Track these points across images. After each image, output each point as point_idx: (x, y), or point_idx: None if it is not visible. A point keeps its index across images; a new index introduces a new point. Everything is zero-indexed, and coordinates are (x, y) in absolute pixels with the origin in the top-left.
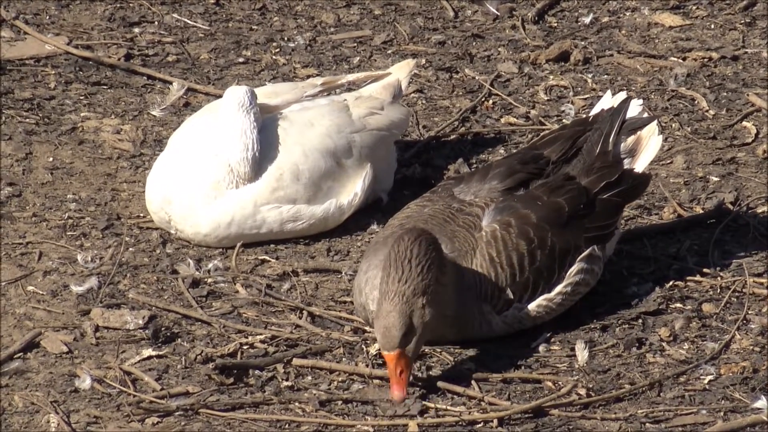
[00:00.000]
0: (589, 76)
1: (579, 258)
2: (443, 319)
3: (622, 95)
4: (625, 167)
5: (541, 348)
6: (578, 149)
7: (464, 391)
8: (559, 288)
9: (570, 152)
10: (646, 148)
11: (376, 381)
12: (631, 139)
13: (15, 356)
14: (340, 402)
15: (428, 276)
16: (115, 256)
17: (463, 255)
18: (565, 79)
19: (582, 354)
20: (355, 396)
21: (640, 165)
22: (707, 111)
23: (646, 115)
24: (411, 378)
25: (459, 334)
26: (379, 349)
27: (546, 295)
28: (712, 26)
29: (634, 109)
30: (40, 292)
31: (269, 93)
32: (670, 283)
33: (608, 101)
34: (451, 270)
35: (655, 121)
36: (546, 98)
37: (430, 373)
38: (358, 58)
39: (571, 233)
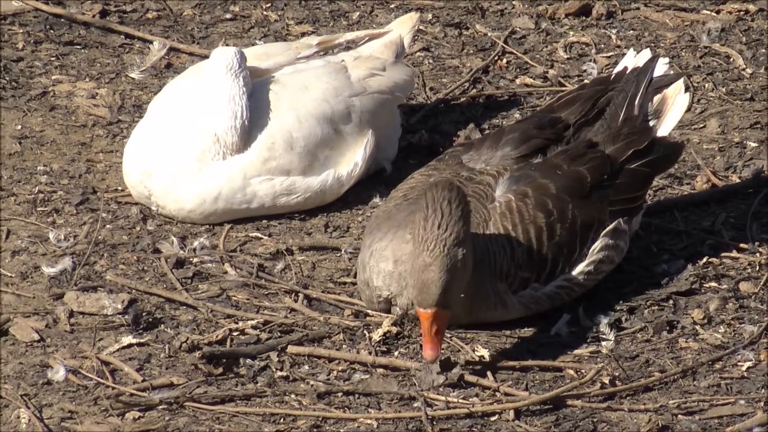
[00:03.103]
0: (613, 31)
1: (603, 233)
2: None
3: (646, 53)
4: (650, 126)
5: (561, 332)
6: (599, 111)
7: (477, 380)
8: (581, 266)
9: (590, 114)
10: (672, 108)
11: (380, 370)
12: (656, 99)
13: None
14: (340, 394)
15: (466, 222)
16: (91, 233)
17: (474, 227)
18: (587, 35)
19: (607, 339)
20: (357, 387)
21: (666, 127)
22: (744, 69)
23: (673, 72)
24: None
25: (471, 316)
26: (411, 309)
27: (566, 275)
28: None
29: (661, 68)
30: (8, 274)
31: (260, 54)
32: (704, 259)
33: (631, 60)
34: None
35: (682, 78)
36: (565, 56)
37: (439, 360)
38: (357, 14)
39: (594, 206)
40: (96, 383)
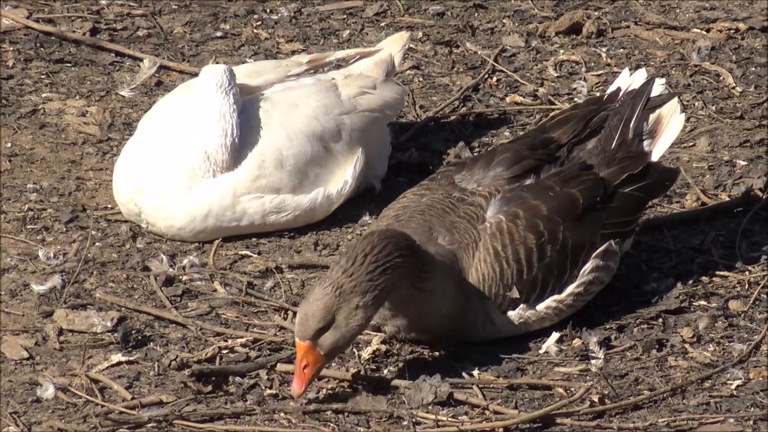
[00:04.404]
0: (603, 50)
1: (594, 254)
2: (439, 319)
3: (641, 73)
4: (645, 149)
5: (551, 350)
6: (592, 131)
7: (466, 398)
8: (570, 288)
9: (582, 134)
10: (668, 128)
11: (370, 389)
12: (651, 118)
13: None
14: (329, 412)
15: (379, 279)
16: (81, 251)
17: (464, 248)
18: (577, 53)
19: (596, 357)
20: (346, 405)
21: (660, 148)
22: (734, 88)
23: (668, 92)
24: (314, 378)
25: (460, 334)
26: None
27: (556, 296)
28: None
29: (657, 89)
30: None
31: (250, 72)
32: (694, 278)
33: (626, 80)
34: (440, 274)
35: (677, 98)
36: (555, 75)
37: (429, 379)
38: (347, 32)
39: (586, 228)
40: (85, 401)
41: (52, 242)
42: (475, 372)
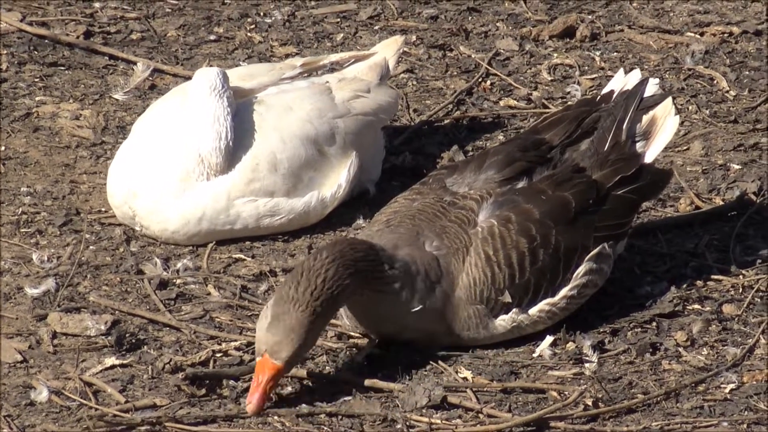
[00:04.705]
0: (597, 53)
1: (587, 257)
2: (415, 317)
3: (636, 74)
4: (638, 151)
5: (544, 354)
6: (584, 132)
7: (460, 401)
8: (563, 291)
9: (575, 135)
10: (662, 130)
11: (364, 392)
12: (645, 119)
13: None
14: (323, 415)
15: (323, 295)
16: (75, 255)
17: (454, 253)
18: (571, 57)
19: (590, 360)
20: (340, 409)
21: (654, 150)
22: (727, 92)
23: (661, 92)
24: (269, 394)
25: (453, 339)
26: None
27: (549, 299)
28: None
29: (651, 89)
30: None
31: (243, 75)
32: (687, 282)
33: (620, 82)
34: (405, 274)
35: (670, 99)
36: (549, 78)
37: (423, 382)
38: (341, 35)
39: (578, 232)
40: (79, 404)
41: (46, 245)
42: (469, 375)
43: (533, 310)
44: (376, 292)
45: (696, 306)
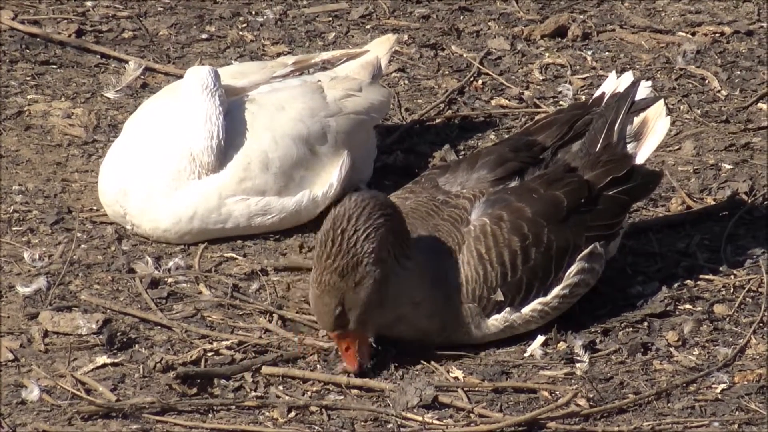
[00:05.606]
0: (589, 53)
1: (579, 257)
2: (413, 309)
3: (628, 76)
4: (630, 152)
5: (536, 353)
6: (576, 134)
7: (451, 401)
8: (555, 290)
9: (567, 137)
10: (653, 131)
11: (355, 391)
12: (636, 121)
13: None
14: (314, 414)
15: (363, 247)
16: (66, 253)
17: (447, 251)
18: (562, 56)
19: (581, 360)
20: (332, 408)
21: (645, 151)
22: (719, 91)
23: (653, 95)
24: (368, 348)
25: (444, 338)
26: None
27: (541, 299)
28: None
29: (643, 92)
30: None
31: (235, 73)
32: (679, 282)
33: (612, 83)
34: (420, 257)
35: (662, 101)
36: (541, 78)
37: (414, 382)
38: (333, 34)
39: (570, 231)
40: (70, 403)
41: (37, 244)
42: (461, 375)
43: (525, 310)
44: (396, 262)
45: (687, 306)
